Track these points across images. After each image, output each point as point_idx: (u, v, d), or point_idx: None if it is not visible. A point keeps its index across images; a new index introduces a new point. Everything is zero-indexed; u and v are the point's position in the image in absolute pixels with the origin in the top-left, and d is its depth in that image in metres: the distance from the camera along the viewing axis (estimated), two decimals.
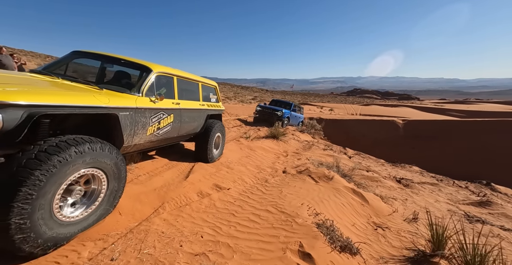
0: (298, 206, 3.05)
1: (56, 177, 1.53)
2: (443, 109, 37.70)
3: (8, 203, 1.34)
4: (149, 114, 2.66)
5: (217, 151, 4.58)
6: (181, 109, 3.34)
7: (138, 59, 3.07)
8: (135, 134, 2.46)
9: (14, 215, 1.35)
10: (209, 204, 2.80)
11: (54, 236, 1.57)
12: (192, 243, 1.98)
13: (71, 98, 1.81)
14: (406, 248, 2.77)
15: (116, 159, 1.99)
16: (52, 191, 1.54)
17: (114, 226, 1.91)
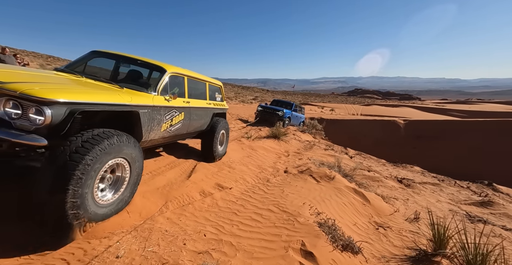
0: (299, 206, 3.07)
1: (97, 163, 1.74)
2: (444, 109, 37.60)
3: (66, 182, 1.55)
4: (164, 112, 2.83)
5: (221, 148, 4.69)
6: (191, 108, 3.50)
7: (152, 60, 3.23)
8: (151, 130, 2.64)
9: (70, 194, 1.56)
10: (211, 203, 2.82)
11: (93, 215, 1.79)
12: (195, 242, 2.00)
13: (103, 97, 2.01)
14: (407, 247, 2.78)
15: (138, 151, 2.17)
16: (94, 176, 1.75)
17: (120, 224, 1.93)
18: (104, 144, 1.78)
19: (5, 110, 1.59)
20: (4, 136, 1.55)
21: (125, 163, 2.07)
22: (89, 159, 1.66)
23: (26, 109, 1.60)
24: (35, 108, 1.59)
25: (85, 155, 1.65)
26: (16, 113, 1.60)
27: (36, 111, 1.59)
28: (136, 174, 2.22)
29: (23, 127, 1.62)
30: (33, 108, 1.59)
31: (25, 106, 1.60)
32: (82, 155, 1.64)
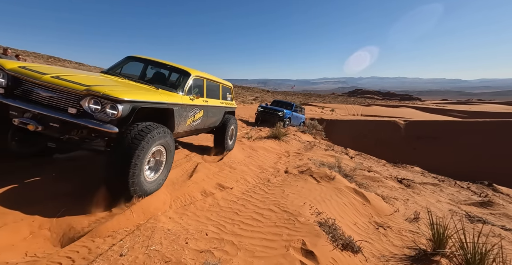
0: (300, 205, 3.09)
1: (148, 146, 2.25)
2: (444, 109, 37.58)
3: (130, 159, 2.09)
4: (189, 109, 3.36)
5: (231, 142, 5.22)
6: (208, 106, 4.02)
7: (178, 64, 3.77)
8: (179, 124, 3.16)
9: (132, 166, 2.11)
10: (213, 203, 2.85)
11: (144, 188, 2.32)
12: (197, 241, 2.03)
13: (152, 96, 2.57)
14: (407, 247, 2.81)
15: (172, 140, 2.67)
16: (145, 158, 2.26)
17: (123, 223, 1.96)
18: (152, 133, 2.29)
19: (89, 106, 2.10)
20: (89, 124, 2.08)
21: (163, 150, 2.61)
22: (143, 144, 2.18)
23: (104, 105, 2.11)
24: (111, 105, 2.10)
25: (141, 141, 2.17)
26: (96, 108, 2.11)
27: (111, 107, 2.11)
28: (170, 158, 2.75)
29: (101, 119, 2.13)
30: (109, 105, 2.10)
31: (103, 103, 2.10)
32: (139, 140, 2.16)
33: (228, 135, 4.92)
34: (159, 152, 2.60)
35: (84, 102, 2.09)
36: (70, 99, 2.16)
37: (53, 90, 2.17)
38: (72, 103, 2.15)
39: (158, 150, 2.56)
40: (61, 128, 2.18)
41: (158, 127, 2.41)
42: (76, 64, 40.85)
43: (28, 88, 2.24)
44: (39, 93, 2.20)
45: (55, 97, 2.18)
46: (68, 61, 42.01)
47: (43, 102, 2.21)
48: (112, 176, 2.13)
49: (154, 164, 2.61)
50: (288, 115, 11.15)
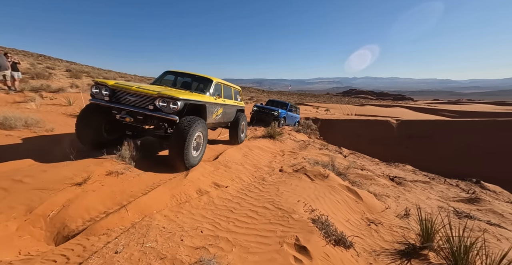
0: (294, 203, 3.14)
1: (194, 131, 3.40)
2: (436, 109, 38.36)
3: (184, 139, 3.26)
4: (214, 106, 4.55)
5: (243, 134, 6.41)
6: (226, 104, 5.17)
7: (202, 74, 5.11)
8: (208, 117, 4.30)
9: (186, 146, 3.30)
10: (208, 201, 2.87)
11: (192, 162, 3.58)
12: (192, 238, 2.05)
13: (194, 96, 3.82)
14: (397, 242, 2.89)
15: (206, 128, 3.86)
16: (192, 139, 3.41)
17: (119, 221, 1.96)
18: (196, 123, 3.44)
19: (159, 103, 3.30)
20: (161, 115, 3.28)
21: (201, 135, 3.78)
22: (192, 129, 3.32)
23: (168, 103, 3.29)
24: (173, 102, 3.30)
25: (190, 127, 3.32)
26: (163, 105, 3.31)
27: (173, 103, 3.30)
28: (205, 141, 3.97)
29: (167, 111, 3.32)
30: (172, 102, 3.29)
31: (168, 101, 3.29)
32: (189, 127, 3.31)
33: (240, 129, 6.07)
34: (199, 137, 3.73)
35: (156, 101, 3.30)
36: (148, 100, 3.38)
37: (138, 95, 3.42)
38: (150, 103, 3.36)
39: (199, 135, 3.68)
40: (143, 119, 3.42)
41: (199, 119, 3.56)
42: (68, 62, 40.02)
43: (121, 96, 3.49)
44: (128, 98, 3.45)
45: (139, 100, 3.43)
46: (59, 60, 41.09)
47: (131, 103, 3.43)
48: (174, 151, 3.30)
49: (196, 145, 3.74)
50: (283, 115, 11.21)
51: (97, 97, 3.46)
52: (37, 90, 8.43)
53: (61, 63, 34.20)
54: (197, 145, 3.78)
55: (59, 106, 7.21)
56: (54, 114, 6.40)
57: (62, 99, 7.92)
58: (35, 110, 6.44)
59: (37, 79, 13.73)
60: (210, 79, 4.83)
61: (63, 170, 2.71)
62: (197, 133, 3.48)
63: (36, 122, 4.96)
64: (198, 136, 3.64)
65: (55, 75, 16.77)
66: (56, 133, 4.97)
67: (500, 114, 25.93)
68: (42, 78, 14.24)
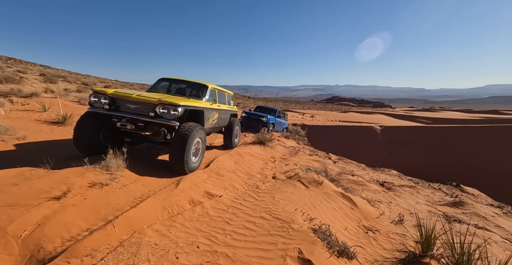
0: (292, 212, 3.03)
1: (194, 137, 3.47)
2: (412, 116, 40.45)
3: (185, 144, 3.34)
4: (210, 111, 4.58)
5: (236, 139, 6.53)
6: (220, 109, 5.23)
7: (197, 80, 5.16)
8: (205, 123, 4.34)
9: (186, 151, 3.38)
10: (202, 212, 2.68)
11: (191, 167, 3.63)
12: (188, 255, 1.86)
13: (192, 103, 3.91)
14: (397, 250, 2.85)
15: (204, 133, 3.91)
16: (192, 144, 3.47)
17: (104, 239, 1.73)
18: (196, 129, 3.53)
19: (160, 110, 3.37)
20: (161, 121, 3.36)
21: (200, 140, 3.86)
22: (192, 135, 3.40)
23: (169, 109, 3.37)
24: (173, 108, 3.38)
25: (190, 133, 3.40)
26: (164, 112, 3.39)
27: (173, 110, 3.38)
28: (204, 146, 4.04)
29: (167, 118, 3.40)
30: (172, 108, 3.37)
31: (168, 108, 3.37)
32: (189, 132, 3.39)
33: (234, 134, 6.18)
34: (198, 143, 3.81)
35: (157, 108, 3.38)
36: (149, 108, 3.44)
37: (138, 103, 3.48)
38: (150, 110, 3.43)
39: (198, 141, 3.76)
40: (144, 126, 3.49)
41: (198, 125, 3.63)
42: (42, 66, 37.80)
43: (121, 104, 3.53)
44: (129, 106, 3.50)
45: (139, 107, 3.49)
46: (32, 63, 38.78)
47: (132, 111, 3.49)
48: (175, 156, 3.36)
49: (195, 150, 3.81)
50: (271, 121, 11.19)
51: (96, 105, 3.51)
52: (6, 95, 7.78)
53: (34, 67, 32.21)
54: (196, 151, 3.85)
55: (32, 112, 6.64)
56: (26, 121, 5.87)
57: (35, 104, 7.32)
58: (3, 116, 5.88)
59: (6, 83, 12.75)
60: (205, 85, 4.92)
61: (38, 182, 2.40)
62: (196, 139, 3.56)
63: (5, 129, 4.49)
64: (197, 142, 3.72)
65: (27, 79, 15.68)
66: (29, 141, 4.53)
67: (470, 121, 27.86)
68: (12, 82, 13.25)
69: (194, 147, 3.68)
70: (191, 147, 3.41)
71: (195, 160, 3.76)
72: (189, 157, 3.42)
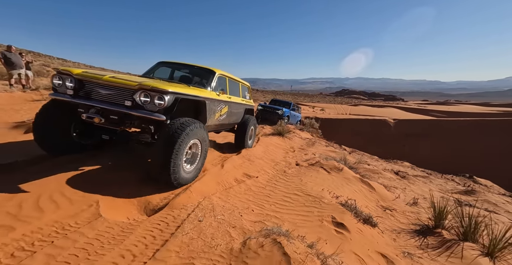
0: (320, 191, 3.50)
1: (188, 138, 2.52)
2: (426, 110, 39.64)
3: (172, 148, 2.34)
4: (217, 103, 3.70)
5: (250, 141, 5.56)
6: (231, 102, 4.32)
7: (204, 65, 4.17)
8: (209, 117, 3.45)
9: (173, 156, 2.36)
10: (246, 188, 3.20)
11: (183, 178, 2.59)
12: (247, 214, 2.38)
13: (189, 90, 2.91)
14: (412, 223, 3.29)
15: (205, 133, 2.93)
16: (185, 147, 2.53)
17: (188, 200, 2.27)
18: (191, 126, 2.57)
19: (140, 98, 2.41)
20: (142, 114, 2.39)
21: (198, 143, 2.86)
22: (184, 134, 2.45)
23: (153, 97, 2.42)
24: (158, 96, 2.40)
25: (182, 131, 2.45)
26: (146, 100, 2.42)
27: (158, 98, 2.40)
28: (204, 150, 3.00)
29: (150, 109, 2.43)
30: (157, 96, 2.40)
31: (152, 95, 2.42)
32: (181, 131, 2.44)
33: (248, 134, 5.19)
34: (195, 145, 2.84)
35: (136, 96, 2.40)
36: (125, 94, 2.49)
37: (111, 87, 2.54)
38: (127, 97, 2.48)
39: (195, 144, 2.81)
40: (119, 119, 2.53)
41: (195, 122, 2.66)
42: (59, 59, 39.23)
43: (90, 89, 2.62)
44: (99, 92, 2.57)
45: (112, 94, 2.54)
46: (49, 56, 40.20)
47: (103, 99, 2.56)
48: (157, 163, 2.35)
49: (191, 156, 2.87)
50: (286, 114, 11.59)
51: (60, 90, 2.65)
52: (50, 88, 8.51)
53: (53, 60, 33.55)
54: (193, 157, 2.87)
55: None
56: None
57: None
58: None
59: (37, 77, 13.63)
60: (212, 70, 3.94)
61: None
62: (192, 141, 2.64)
63: None
64: (194, 145, 2.79)
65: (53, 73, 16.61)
66: None
67: (487, 115, 27.17)
68: (43, 76, 14.12)
69: (190, 152, 2.79)
70: (182, 152, 2.45)
71: (189, 168, 2.77)
72: (178, 165, 2.45)
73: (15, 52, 6.94)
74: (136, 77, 3.20)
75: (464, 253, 2.39)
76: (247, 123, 5.08)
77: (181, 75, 4.28)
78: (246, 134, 5.07)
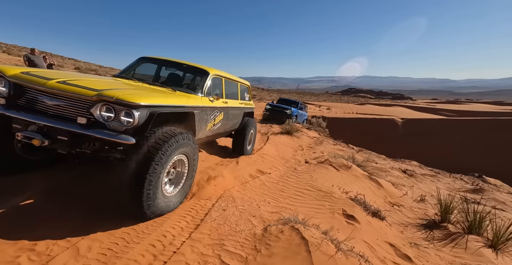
0: (330, 187, 3.69)
1: (167, 157, 1.89)
2: (435, 108, 38.97)
3: (146, 170, 1.74)
4: (209, 112, 3.04)
5: (249, 147, 4.97)
6: (228, 108, 3.70)
7: (195, 63, 3.45)
8: (200, 129, 2.86)
9: (147, 182, 1.74)
10: (260, 183, 3.42)
11: (162, 207, 1.98)
12: (264, 206, 2.59)
13: (170, 99, 2.24)
14: (419, 218, 3.45)
15: (195, 147, 2.33)
16: (165, 169, 1.92)
17: (211, 192, 2.51)
18: (171, 141, 1.92)
19: (101, 113, 1.79)
20: (102, 135, 1.76)
21: (185, 159, 2.23)
22: (163, 151, 1.84)
23: (118, 113, 1.79)
24: (125, 111, 1.77)
25: (160, 148, 1.83)
26: (109, 116, 1.80)
27: (126, 114, 1.78)
28: (192, 169, 2.34)
29: (115, 128, 1.81)
30: (123, 112, 1.78)
31: (117, 109, 1.79)
32: (157, 148, 1.82)
33: (247, 140, 4.68)
34: (180, 162, 2.22)
35: (95, 109, 1.78)
36: (79, 107, 1.86)
37: (59, 97, 1.88)
38: (82, 111, 1.86)
39: (180, 160, 2.19)
40: (70, 141, 1.85)
41: (180, 133, 2.05)
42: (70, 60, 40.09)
43: (33, 97, 1.96)
44: (44, 102, 1.92)
45: (62, 106, 1.89)
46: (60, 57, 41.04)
47: (49, 112, 1.92)
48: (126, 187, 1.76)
49: (175, 176, 2.22)
50: (295, 113, 11.75)
51: None
52: None
53: (65, 61, 34.34)
54: (177, 177, 2.26)
55: None
56: None
57: None
58: None
59: None
60: (204, 70, 3.25)
61: None
62: (176, 156, 2.07)
63: None
64: (179, 161, 2.21)
65: None
66: None
67: (500, 114, 26.60)
68: None
69: (173, 171, 2.18)
70: (159, 177, 1.88)
71: (170, 191, 2.17)
72: (154, 195, 1.87)
73: (38, 54, 7.31)
74: (105, 79, 2.52)
75: (468, 245, 2.54)
76: (247, 127, 4.57)
77: (168, 74, 3.54)
78: (245, 140, 4.57)
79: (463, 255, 2.38)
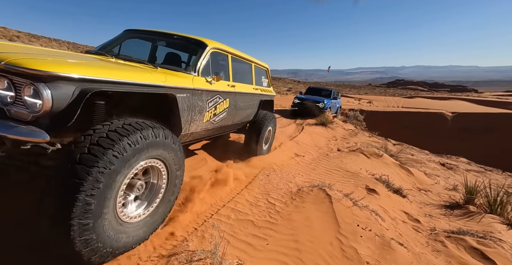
0: (357, 169, 4.19)
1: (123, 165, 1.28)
2: (505, 102, 33.42)
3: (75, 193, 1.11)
4: (206, 97, 2.32)
5: (266, 147, 4.06)
6: (236, 93, 2.94)
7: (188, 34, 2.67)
8: (192, 120, 2.18)
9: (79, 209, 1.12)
10: (296, 162, 4.12)
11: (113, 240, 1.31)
12: (298, 177, 3.31)
13: (127, 74, 1.57)
14: (443, 201, 3.74)
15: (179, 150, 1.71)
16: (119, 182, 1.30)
17: (259, 164, 3.39)
18: (135, 137, 1.33)
19: None
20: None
21: (160, 166, 1.60)
22: (111, 158, 1.22)
23: (20, 89, 1.17)
24: (32, 88, 1.15)
25: (107, 151, 1.21)
26: (9, 96, 1.18)
27: (33, 92, 1.16)
28: (174, 183, 1.72)
29: (20, 116, 1.22)
30: (29, 88, 1.15)
31: (19, 85, 1.17)
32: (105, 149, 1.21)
33: (264, 137, 3.79)
34: (155, 170, 1.62)
35: None
36: None
37: None
38: None
39: (153, 167, 1.58)
40: None
41: (151, 128, 1.46)
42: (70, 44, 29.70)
43: None
44: None
45: None
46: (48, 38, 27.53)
47: None
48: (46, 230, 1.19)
49: (143, 190, 1.59)
50: (328, 106, 11.40)
51: None
52: None
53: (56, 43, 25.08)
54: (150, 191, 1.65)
55: None
56: None
57: None
58: None
59: None
60: (200, 41, 2.52)
61: None
62: (142, 162, 1.44)
63: None
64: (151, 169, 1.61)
65: None
66: None
67: None
68: None
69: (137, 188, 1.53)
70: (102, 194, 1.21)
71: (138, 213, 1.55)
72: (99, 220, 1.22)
73: None
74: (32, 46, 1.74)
75: (482, 220, 2.86)
76: (263, 122, 3.71)
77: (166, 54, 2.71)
78: (261, 137, 3.67)
79: (473, 225, 2.73)
